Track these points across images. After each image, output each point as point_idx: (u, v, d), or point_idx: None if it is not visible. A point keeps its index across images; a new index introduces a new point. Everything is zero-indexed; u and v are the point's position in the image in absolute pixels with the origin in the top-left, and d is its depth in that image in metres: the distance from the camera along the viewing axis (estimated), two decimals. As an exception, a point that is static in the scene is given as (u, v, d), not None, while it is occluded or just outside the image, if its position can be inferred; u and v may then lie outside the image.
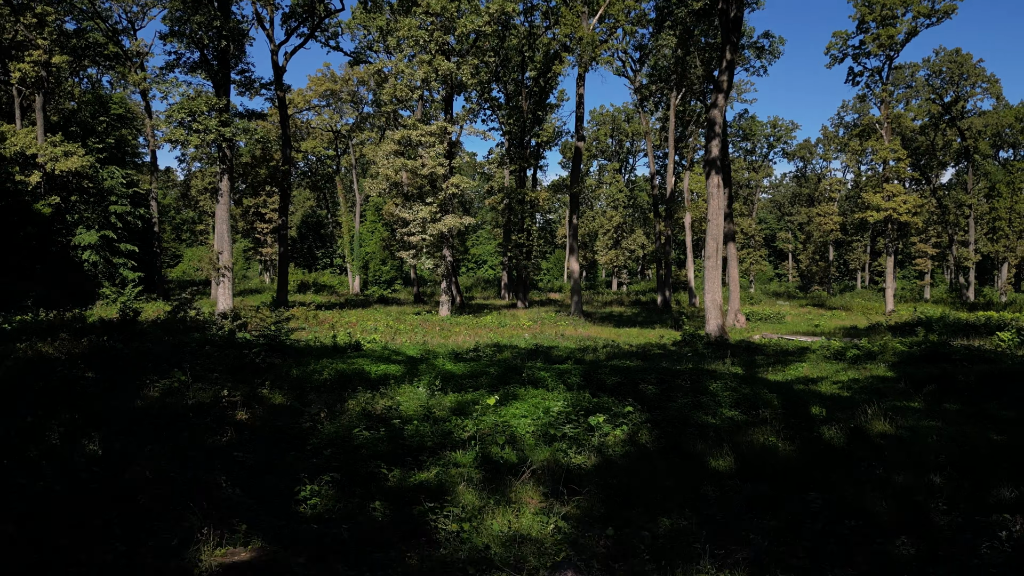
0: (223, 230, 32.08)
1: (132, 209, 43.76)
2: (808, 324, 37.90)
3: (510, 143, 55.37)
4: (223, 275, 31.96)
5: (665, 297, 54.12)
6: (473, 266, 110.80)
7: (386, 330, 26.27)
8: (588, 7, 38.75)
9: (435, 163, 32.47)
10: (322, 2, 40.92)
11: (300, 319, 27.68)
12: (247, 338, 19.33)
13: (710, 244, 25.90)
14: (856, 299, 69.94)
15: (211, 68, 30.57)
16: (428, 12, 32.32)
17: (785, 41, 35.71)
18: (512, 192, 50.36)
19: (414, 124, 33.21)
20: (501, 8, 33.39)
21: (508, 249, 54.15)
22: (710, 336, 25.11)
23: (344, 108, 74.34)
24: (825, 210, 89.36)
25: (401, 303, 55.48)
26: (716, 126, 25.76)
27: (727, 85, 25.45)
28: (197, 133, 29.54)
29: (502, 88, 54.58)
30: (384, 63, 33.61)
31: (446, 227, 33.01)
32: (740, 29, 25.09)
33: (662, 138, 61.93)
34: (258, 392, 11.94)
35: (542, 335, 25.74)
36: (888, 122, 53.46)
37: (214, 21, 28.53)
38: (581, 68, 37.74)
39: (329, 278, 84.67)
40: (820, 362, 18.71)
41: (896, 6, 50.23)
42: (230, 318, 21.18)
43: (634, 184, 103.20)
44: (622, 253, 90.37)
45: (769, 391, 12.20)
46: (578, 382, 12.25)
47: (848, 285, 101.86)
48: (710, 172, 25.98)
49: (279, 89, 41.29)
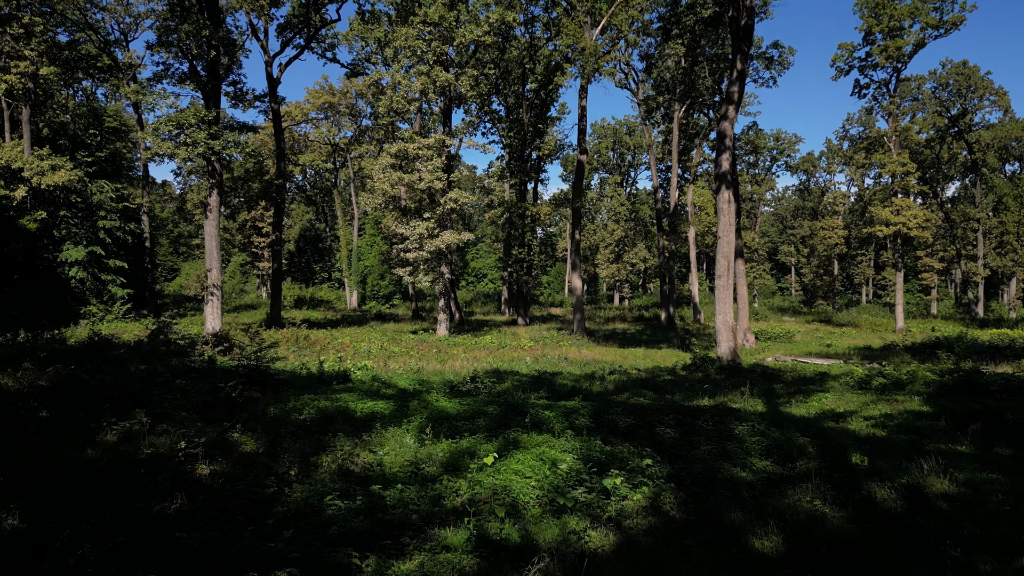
0: (212, 247, 30.84)
1: (122, 224, 42.52)
2: (819, 344, 36.56)
3: (510, 156, 54.27)
4: (212, 293, 30.68)
5: (669, 313, 52.81)
6: (473, 279, 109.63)
7: (380, 353, 24.94)
8: (590, 17, 37.72)
9: (432, 177, 31.28)
10: (317, 13, 39.92)
11: (290, 341, 26.38)
12: (228, 365, 18.02)
13: (721, 263, 24.63)
14: (863, 315, 68.59)
15: (200, 79, 29.44)
16: (426, 22, 31.26)
17: (795, 52, 34.65)
18: (512, 206, 49.19)
19: (411, 137, 32.05)
20: (501, 18, 32.33)
21: (508, 264, 52.88)
22: (722, 360, 23.78)
23: (342, 121, 73.37)
24: (830, 224, 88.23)
25: (399, 319, 54.18)
26: (727, 139, 24.57)
27: (738, 96, 24.28)
28: (185, 146, 28.37)
29: (502, 101, 53.57)
30: (381, 74, 32.48)
31: (444, 243, 31.76)
32: (751, 38, 23.97)
33: (664, 151, 60.85)
34: (228, 436, 10.62)
35: (544, 359, 24.41)
36: (896, 135, 52.36)
37: (203, 30, 27.42)
38: (584, 80, 36.64)
39: (327, 292, 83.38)
40: (845, 392, 17.37)
41: (904, 17, 49.29)
42: (211, 343, 19.88)
43: (635, 197, 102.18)
44: (624, 267, 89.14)
45: (800, 434, 10.87)
46: (587, 424, 10.93)
47: (852, 299, 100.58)
48: (720, 187, 24.75)
49: (273, 101, 40.21)
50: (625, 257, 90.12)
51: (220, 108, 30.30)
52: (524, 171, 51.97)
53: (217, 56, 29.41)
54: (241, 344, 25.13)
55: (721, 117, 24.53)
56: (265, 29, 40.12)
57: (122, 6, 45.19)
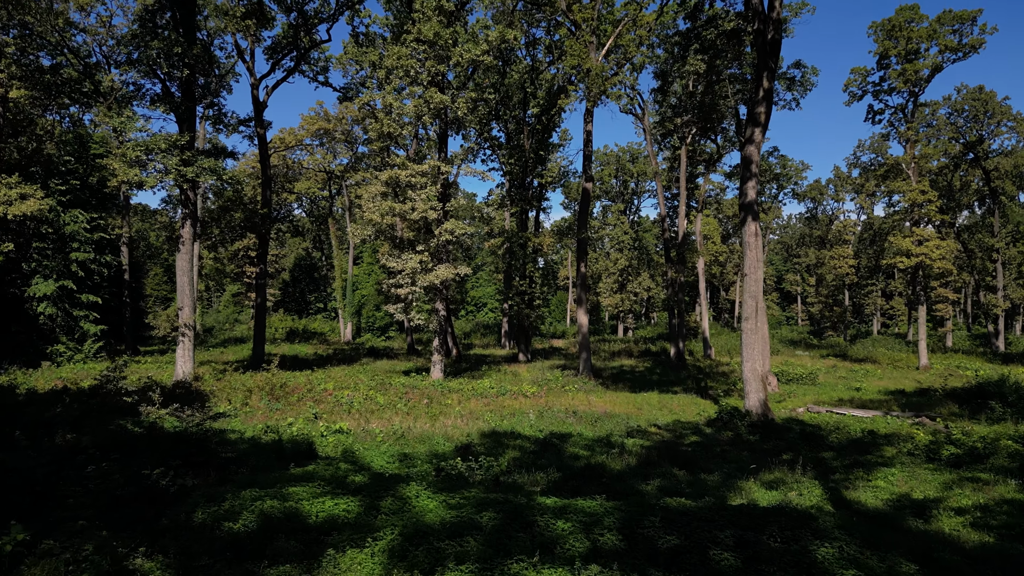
0: (184, 283, 28.13)
1: (97, 256, 39.89)
2: (846, 386, 33.67)
3: (511, 184, 51.87)
4: (183, 335, 27.89)
5: (679, 349, 49.93)
6: (472, 308, 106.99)
7: (364, 404, 22.09)
8: (596, 38, 35.48)
9: (426, 207, 28.69)
10: (307, 33, 37.74)
11: (264, 390, 23.55)
12: (176, 429, 15.19)
13: (748, 303, 21.89)
14: (879, 349, 65.64)
15: (173, 101, 26.98)
16: (420, 40, 28.93)
17: (819, 72, 32.31)
18: (513, 236, 46.61)
19: (403, 163, 29.52)
20: (501, 36, 30.01)
21: (509, 297, 50.17)
22: (751, 414, 20.92)
23: (338, 148, 71.22)
24: (839, 252, 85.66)
25: (394, 354, 51.32)
26: (752, 164, 21.99)
27: (764, 117, 21.76)
28: (154, 173, 25.84)
29: (502, 127, 51.33)
30: (372, 95, 30.05)
31: (439, 279, 29.06)
32: (778, 53, 21.54)
33: (671, 179, 58.52)
34: (127, 565, 7.79)
35: (549, 412, 21.53)
36: (915, 162, 50.00)
37: (174, 48, 25.02)
38: (589, 102, 34.27)
39: (320, 324, 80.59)
40: (911, 465, 14.51)
41: (921, 39, 47.24)
42: (158, 402, 17.04)
43: (639, 225, 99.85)
44: (628, 297, 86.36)
45: (905, 559, 8.04)
46: (616, 543, 8.10)
47: (863, 330, 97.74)
48: (746, 218, 22.11)
49: (259, 126, 37.84)
50: (629, 287, 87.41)
51: (195, 132, 27.81)
52: (525, 199, 49.52)
53: (192, 76, 26.98)
54: (206, 393, 22.31)
55: (746, 140, 21.99)
56: (252, 50, 37.91)
57: (104, 27, 43.04)
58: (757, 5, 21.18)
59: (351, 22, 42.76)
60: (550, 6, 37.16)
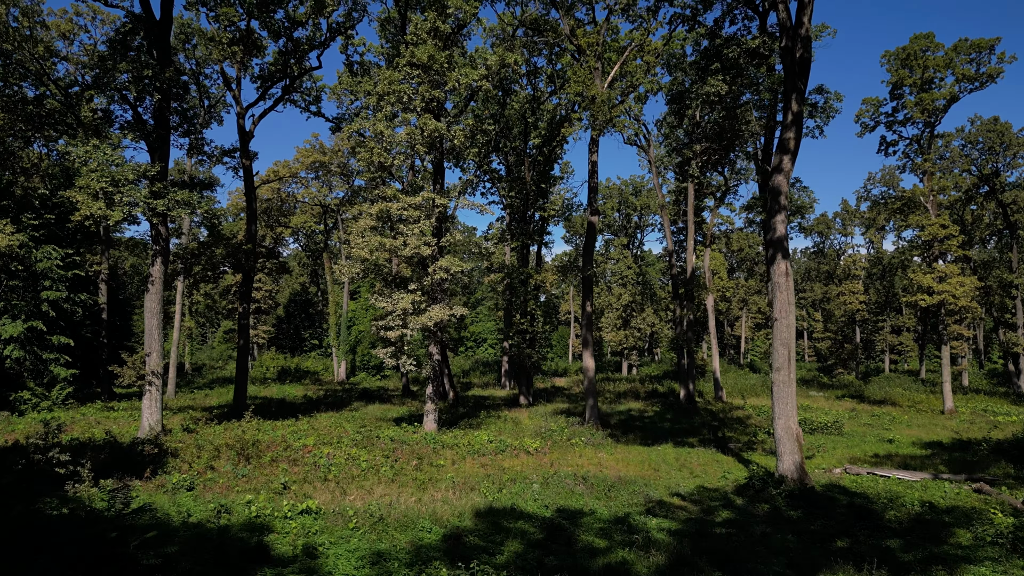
0: (153, 326, 25.60)
1: (71, 294, 37.44)
2: (877, 437, 30.92)
3: (511, 217, 49.70)
4: (150, 383, 25.29)
5: (688, 391, 47.20)
6: (472, 345, 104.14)
7: (344, 467, 19.40)
8: (601, 64, 33.55)
9: (419, 242, 26.32)
10: (297, 62, 35.85)
11: (234, 449, 20.87)
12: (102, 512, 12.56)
13: (779, 351, 19.35)
14: (896, 389, 62.80)
15: (144, 128, 24.82)
16: (414, 64, 26.88)
17: (843, 98, 30.29)
18: (514, 271, 44.20)
19: (395, 195, 27.25)
20: (501, 61, 27.96)
21: (509, 335, 47.60)
22: (787, 480, 18.23)
23: (334, 181, 69.36)
24: (849, 288, 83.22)
25: (388, 396, 48.56)
26: (781, 196, 19.66)
27: (794, 144, 19.48)
28: (120, 207, 23.53)
29: (502, 159, 49.34)
30: (363, 123, 27.92)
31: (432, 320, 26.55)
32: (808, 73, 19.36)
33: (678, 212, 56.40)
34: None
35: (555, 477, 18.82)
36: (933, 195, 47.85)
37: (144, 71, 22.93)
38: (595, 131, 32.16)
39: (314, 362, 77.84)
40: (1002, 560, 11.84)
41: (938, 68, 45.45)
42: (86, 478, 14.40)
43: (642, 260, 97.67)
44: (632, 333, 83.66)
45: None
46: None
47: (873, 367, 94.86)
48: (775, 256, 19.70)
49: (245, 157, 35.72)
50: (633, 322, 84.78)
51: (167, 161, 25.57)
52: (526, 233, 47.27)
53: (164, 101, 24.84)
54: (169, 452, 19.64)
55: (773, 169, 19.68)
56: (238, 78, 35.99)
57: (89, 56, 41.23)
58: (785, 20, 19.07)
59: (345, 51, 41.03)
60: (553, 31, 35.34)
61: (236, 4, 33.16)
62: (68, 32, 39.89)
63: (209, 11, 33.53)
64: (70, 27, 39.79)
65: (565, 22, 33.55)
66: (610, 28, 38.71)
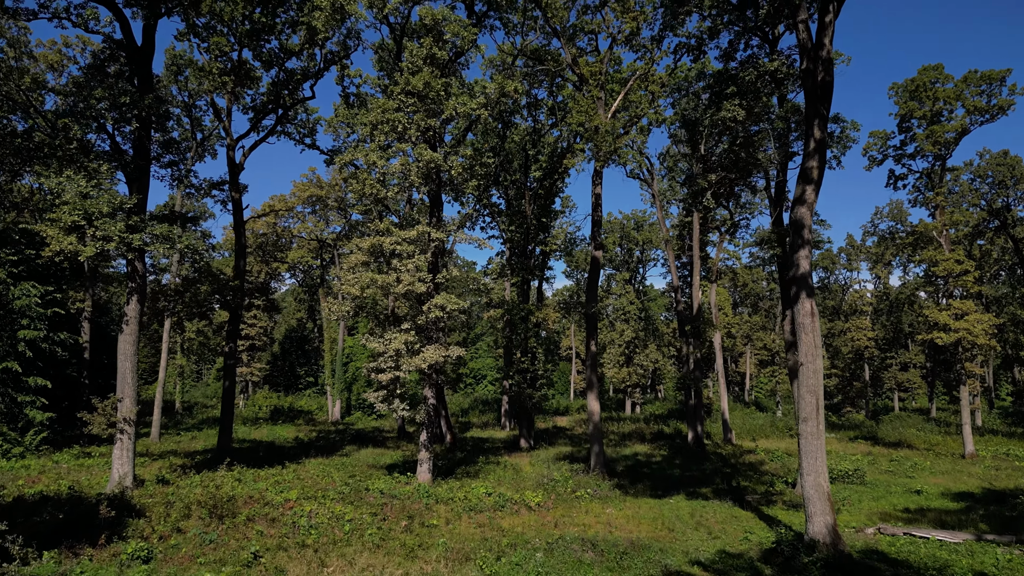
0: (126, 369, 23.83)
1: (50, 334, 35.65)
2: (903, 488, 28.90)
3: (511, 252, 48.19)
4: (122, 431, 23.44)
5: (697, 433, 45.13)
6: (471, 382, 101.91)
7: (326, 527, 17.48)
8: (604, 93, 32.35)
9: (413, 279, 24.70)
10: (290, 92, 34.73)
11: (207, 506, 18.93)
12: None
13: (806, 400, 17.56)
14: (909, 430, 60.70)
15: (122, 158, 23.41)
16: (408, 92, 25.59)
17: (860, 127, 29.02)
18: (514, 308, 42.46)
19: (387, 229, 25.72)
20: (501, 89, 26.70)
21: (509, 375, 45.70)
22: (818, 545, 16.31)
23: (331, 215, 68.13)
24: (857, 324, 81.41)
25: (382, 439, 46.50)
26: (804, 229, 18.08)
27: (817, 173, 17.99)
28: (94, 242, 21.98)
29: (502, 192, 48.01)
30: (355, 153, 26.54)
31: (427, 362, 24.79)
32: (830, 97, 17.95)
33: (683, 246, 54.95)
34: None
35: (561, 542, 16.86)
36: (946, 229, 46.43)
37: (121, 97, 21.60)
38: (598, 162, 30.81)
39: (308, 401, 75.69)
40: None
41: (949, 100, 44.40)
42: (15, 555, 12.53)
43: (644, 295, 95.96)
44: (635, 371, 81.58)
45: None
46: None
47: (881, 405, 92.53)
48: (799, 294, 18.03)
49: (234, 190, 34.38)
50: (636, 359, 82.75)
51: (146, 193, 24.09)
52: (527, 268, 45.71)
53: (144, 130, 23.46)
54: (135, 510, 17.70)
55: (796, 201, 18.15)
56: (228, 109, 34.84)
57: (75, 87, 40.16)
58: (805, 40, 17.73)
59: (341, 82, 39.92)
60: (554, 61, 34.27)
61: (227, 34, 32.15)
62: (56, 63, 38.87)
63: (201, 42, 32.53)
64: (58, 58, 38.79)
65: (567, 51, 32.47)
66: (613, 58, 37.71)
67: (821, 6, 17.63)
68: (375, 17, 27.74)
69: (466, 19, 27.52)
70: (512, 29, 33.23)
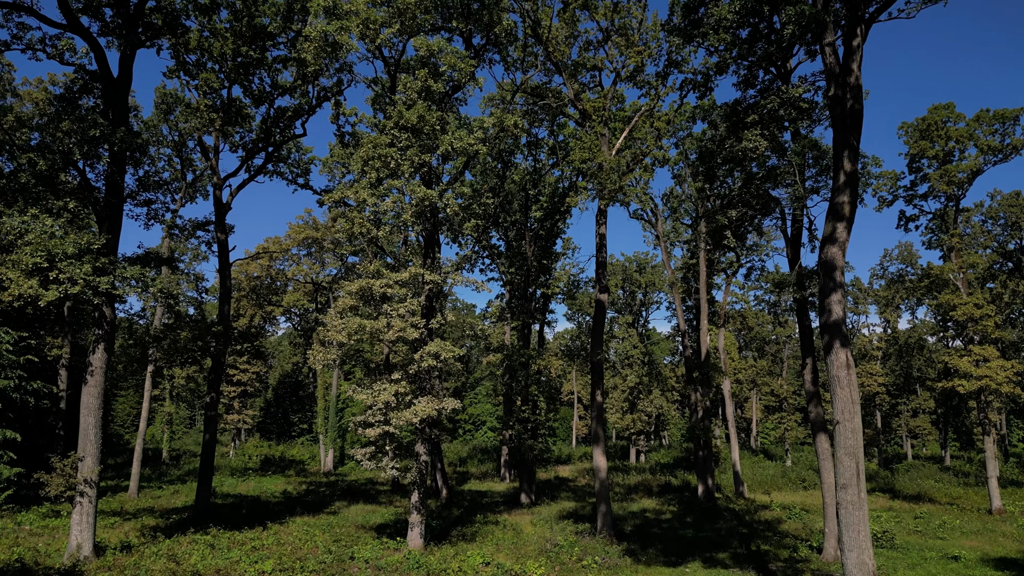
0: (89, 425, 21.77)
1: (22, 383, 33.60)
2: (938, 552, 26.50)
3: (511, 295, 46.38)
4: (82, 494, 21.27)
5: (708, 487, 42.66)
6: (470, 428, 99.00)
7: (299, 613, 15.26)
8: (608, 130, 30.99)
9: (405, 324, 22.84)
10: (280, 130, 33.40)
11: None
12: None
13: (846, 464, 15.51)
14: (927, 481, 58.08)
15: (92, 195, 21.77)
16: (402, 126, 24.14)
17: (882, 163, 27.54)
18: (514, 353, 40.41)
19: (378, 271, 23.97)
20: (500, 124, 25.27)
21: (509, 424, 43.47)
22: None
23: (326, 257, 66.55)
24: (868, 369, 79.09)
25: (374, 493, 43.99)
26: (836, 271, 16.29)
27: (849, 209, 16.27)
28: (57, 285, 20.21)
29: (502, 234, 46.43)
30: (345, 191, 24.95)
31: (418, 416, 22.73)
32: (860, 127, 16.36)
33: (689, 289, 53.17)
34: None
35: (567, 630, 14.65)
36: (963, 273, 44.71)
37: (91, 130, 20.10)
38: (603, 201, 29.25)
39: (301, 450, 72.94)
40: None
41: (962, 139, 43.15)
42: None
43: (648, 339, 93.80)
44: (639, 417, 78.95)
45: None
46: None
47: (894, 454, 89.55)
48: (832, 343, 16.13)
49: (220, 231, 32.76)
50: (640, 405, 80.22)
51: (117, 233, 22.40)
52: (527, 312, 43.84)
53: (116, 165, 21.89)
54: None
55: (826, 240, 16.40)
56: (216, 147, 33.50)
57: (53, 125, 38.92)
58: (832, 65, 16.21)
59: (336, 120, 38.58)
60: (555, 96, 33.03)
61: (218, 71, 30.95)
62: (41, 101, 37.68)
63: (191, 79, 31.31)
64: (44, 95, 37.61)
65: (569, 87, 31.23)
66: (616, 95, 36.53)
67: (848, 29, 16.17)
68: (368, 49, 26.47)
69: (463, 51, 26.23)
70: (511, 65, 32.05)
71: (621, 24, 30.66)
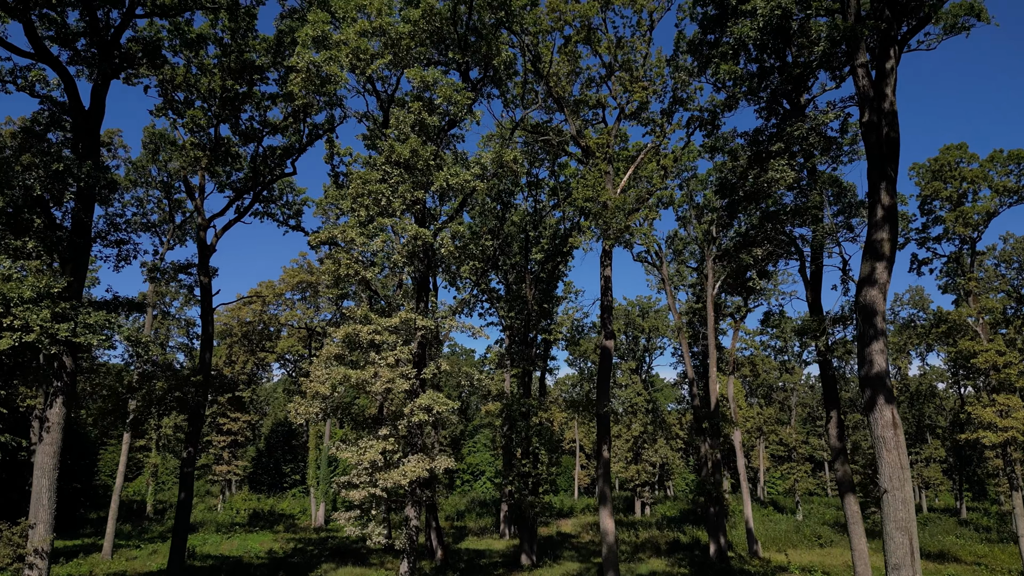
0: (43, 487, 19.62)
1: (-13, 435, 31.47)
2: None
3: (511, 340, 44.37)
4: (31, 566, 19.01)
5: (720, 545, 39.98)
6: (469, 478, 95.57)
7: None
8: (612, 168, 29.53)
9: (393, 375, 20.87)
10: (269, 170, 31.98)
11: None
12: None
13: (897, 541, 13.38)
14: (948, 537, 55.16)
15: (55, 235, 20.10)
16: (394, 162, 22.64)
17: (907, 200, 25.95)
18: (514, 402, 38.23)
19: (366, 316, 22.13)
20: (498, 159, 23.76)
21: (509, 479, 41.00)
22: None
23: (321, 302, 64.72)
24: (879, 417, 76.46)
25: (365, 553, 41.24)
26: (877, 317, 14.43)
27: (889, 247, 14.52)
28: (10, 333, 18.35)
29: (501, 277, 44.69)
30: (332, 230, 23.29)
31: (407, 477, 20.58)
32: (897, 157, 14.72)
33: (691, 335, 51.19)
34: None
35: None
36: (982, 318, 42.85)
37: (54, 164, 18.51)
38: (607, 243, 27.57)
39: (291, 503, 69.94)
40: None
41: (977, 180, 41.78)
42: None
43: (652, 386, 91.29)
44: (644, 468, 76.06)
45: None
46: None
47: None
48: (875, 399, 14.18)
49: (203, 274, 31.08)
50: (644, 455, 77.39)
51: (83, 275, 20.62)
52: (528, 358, 41.79)
53: (82, 202, 20.25)
54: None
55: (864, 282, 14.59)
56: (201, 186, 32.05)
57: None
58: (866, 89, 14.65)
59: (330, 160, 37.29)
60: (556, 133, 31.69)
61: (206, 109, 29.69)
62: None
63: (179, 117, 30.04)
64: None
65: (571, 123, 29.90)
66: (619, 134, 35.24)
67: (880, 50, 14.66)
68: (358, 82, 25.12)
69: (460, 83, 24.88)
70: (511, 102, 30.80)
71: (625, 60, 29.50)
